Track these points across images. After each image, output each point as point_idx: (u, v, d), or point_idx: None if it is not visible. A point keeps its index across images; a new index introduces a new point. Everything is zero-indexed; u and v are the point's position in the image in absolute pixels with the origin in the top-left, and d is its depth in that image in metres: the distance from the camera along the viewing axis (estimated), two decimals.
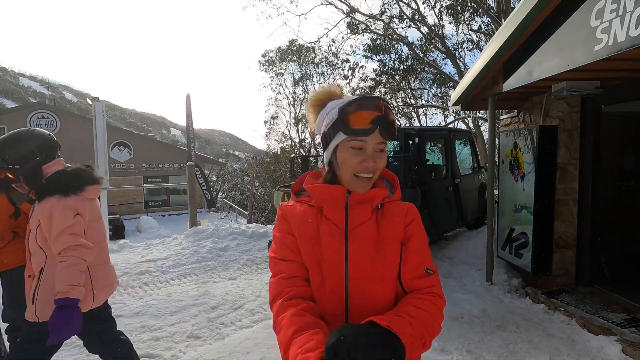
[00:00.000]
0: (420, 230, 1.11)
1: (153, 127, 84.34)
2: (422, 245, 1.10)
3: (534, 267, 4.11)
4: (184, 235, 6.90)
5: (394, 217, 1.08)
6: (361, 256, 1.03)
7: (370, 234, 1.05)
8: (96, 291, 2.09)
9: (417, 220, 1.12)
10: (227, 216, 21.76)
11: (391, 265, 1.05)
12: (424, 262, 1.07)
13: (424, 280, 1.06)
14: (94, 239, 2.10)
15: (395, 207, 1.10)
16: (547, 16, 3.00)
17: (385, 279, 1.04)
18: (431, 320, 0.99)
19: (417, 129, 5.24)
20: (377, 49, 15.41)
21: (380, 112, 1.00)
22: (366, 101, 1.01)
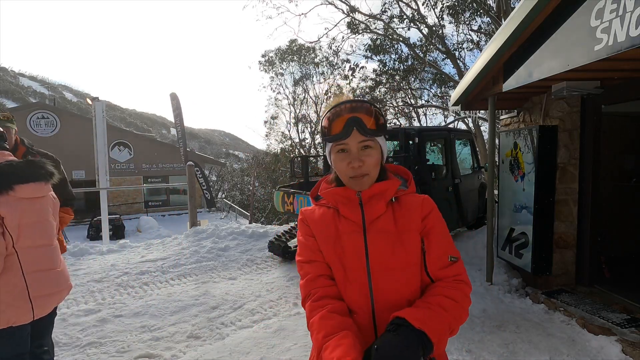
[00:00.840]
0: (440, 220, 1.13)
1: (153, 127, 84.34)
2: (443, 235, 1.12)
3: (534, 267, 4.11)
4: (184, 235, 6.90)
5: (409, 209, 1.11)
6: (381, 247, 1.07)
7: (388, 226, 1.08)
8: (34, 300, 1.88)
9: (435, 210, 1.14)
10: (227, 216, 21.75)
11: (411, 254, 1.08)
12: (447, 251, 1.10)
13: (450, 269, 1.09)
14: (29, 243, 1.89)
15: (410, 199, 1.14)
16: (547, 16, 3.00)
17: (407, 267, 1.07)
18: (460, 308, 1.04)
19: (417, 129, 5.24)
20: (378, 49, 15.39)
21: (351, 113, 1.05)
22: (339, 106, 1.07)
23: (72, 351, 3.15)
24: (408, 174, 1.22)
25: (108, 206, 10.20)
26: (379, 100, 16.19)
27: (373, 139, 1.07)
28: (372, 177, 1.09)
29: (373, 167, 1.08)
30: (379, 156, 1.10)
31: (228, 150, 79.40)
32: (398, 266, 1.06)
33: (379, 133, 1.08)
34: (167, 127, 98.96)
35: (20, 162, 1.96)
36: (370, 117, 1.05)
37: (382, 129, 1.08)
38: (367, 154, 1.07)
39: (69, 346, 3.21)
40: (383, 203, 1.10)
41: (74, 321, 3.60)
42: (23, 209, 1.87)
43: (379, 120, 1.07)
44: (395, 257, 1.06)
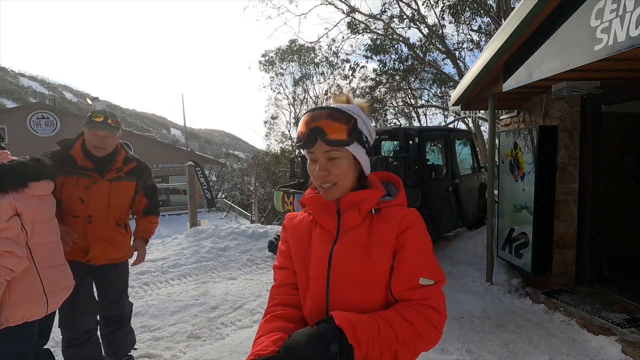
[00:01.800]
0: (417, 238, 1.02)
1: (153, 127, 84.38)
2: (418, 253, 1.00)
3: (534, 267, 4.11)
4: (184, 235, 6.90)
5: (387, 222, 1.02)
6: (343, 259, 1.01)
7: (359, 238, 1.02)
8: (49, 295, 1.93)
9: (414, 227, 1.02)
10: (227, 216, 21.75)
11: (376, 270, 1.00)
12: (418, 272, 0.98)
13: (417, 292, 0.96)
14: (41, 240, 1.92)
15: (391, 212, 1.04)
16: (547, 16, 3.00)
17: (370, 283, 1.00)
18: (413, 333, 0.92)
19: (417, 129, 5.24)
20: (378, 48, 15.40)
21: (315, 122, 0.99)
22: (307, 114, 1.02)
23: None
24: (400, 184, 1.13)
25: None
26: (379, 100, 16.19)
27: (339, 149, 1.00)
28: (342, 186, 1.03)
29: (341, 176, 1.02)
30: (349, 165, 1.02)
31: (228, 150, 79.46)
32: (360, 281, 1.00)
33: (348, 142, 0.99)
34: (167, 127, 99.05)
35: (28, 160, 1.98)
36: (338, 126, 0.98)
37: (353, 137, 1.00)
38: (333, 164, 1.01)
39: None
40: (357, 213, 1.03)
41: None
42: (36, 206, 1.90)
43: (351, 128, 0.99)
44: (358, 271, 1.00)
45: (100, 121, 2.36)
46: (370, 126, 1.08)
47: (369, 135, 1.06)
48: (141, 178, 2.64)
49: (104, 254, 2.49)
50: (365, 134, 1.04)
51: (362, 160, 1.05)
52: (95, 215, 2.42)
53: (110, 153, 2.48)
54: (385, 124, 16.87)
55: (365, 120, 1.06)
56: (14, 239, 1.75)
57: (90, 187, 2.39)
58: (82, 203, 2.38)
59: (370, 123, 1.09)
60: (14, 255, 1.73)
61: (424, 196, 4.95)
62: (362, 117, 1.05)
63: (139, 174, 2.63)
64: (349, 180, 1.04)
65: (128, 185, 2.57)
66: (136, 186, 2.62)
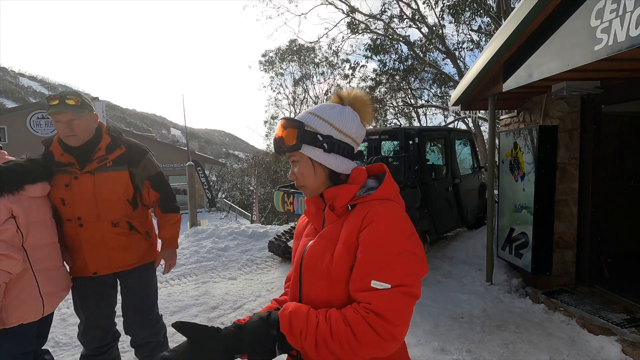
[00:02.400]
0: (378, 235, 0.94)
1: (153, 127, 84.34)
2: (376, 252, 0.93)
3: (534, 267, 4.11)
4: (184, 235, 6.90)
5: (352, 219, 0.99)
6: (312, 254, 1.05)
7: (331, 235, 1.03)
8: (45, 297, 1.90)
9: (375, 224, 0.95)
10: (227, 216, 21.76)
11: (337, 268, 0.98)
12: (372, 273, 0.91)
13: (364, 295, 0.91)
14: (37, 242, 1.89)
15: (363, 208, 1.00)
16: (547, 16, 3.00)
17: (334, 280, 0.99)
18: (349, 336, 0.88)
19: (417, 129, 5.25)
20: (378, 48, 15.41)
21: (277, 133, 1.07)
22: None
23: (72, 351, 3.15)
24: (384, 177, 1.07)
25: None
26: (379, 100, 16.19)
27: (294, 154, 1.05)
28: (309, 186, 1.08)
29: (305, 178, 1.07)
30: (308, 166, 1.05)
31: (228, 150, 79.47)
32: (326, 276, 1.00)
33: (295, 146, 1.02)
34: (167, 127, 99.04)
35: (25, 161, 1.96)
36: (290, 132, 1.03)
37: (302, 140, 1.02)
38: (296, 167, 1.08)
39: (69, 346, 3.21)
40: (331, 210, 1.06)
41: (74, 321, 3.60)
42: (32, 208, 1.88)
43: (299, 133, 1.02)
44: (323, 267, 1.00)
45: (56, 104, 1.96)
46: (336, 121, 1.05)
47: (333, 133, 1.04)
48: (137, 166, 2.17)
49: (109, 262, 2.13)
50: (323, 132, 1.03)
51: (321, 160, 1.04)
52: (85, 216, 2.05)
53: (90, 140, 2.07)
54: (385, 124, 16.87)
55: (328, 118, 1.04)
56: (9, 241, 1.74)
57: (71, 183, 2.02)
58: (63, 204, 2.03)
59: (341, 119, 1.05)
60: (10, 258, 1.72)
61: (424, 196, 4.95)
62: (314, 118, 1.05)
63: (131, 161, 2.16)
64: (315, 180, 1.06)
65: (118, 176, 2.11)
66: (131, 176, 2.16)
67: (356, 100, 1.10)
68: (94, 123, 2.11)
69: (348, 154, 1.06)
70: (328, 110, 1.07)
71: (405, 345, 1.09)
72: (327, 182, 1.07)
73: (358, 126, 1.08)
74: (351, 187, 1.03)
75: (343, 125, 1.05)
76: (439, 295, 4.18)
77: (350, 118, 1.07)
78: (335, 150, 1.04)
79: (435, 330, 3.40)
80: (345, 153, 1.06)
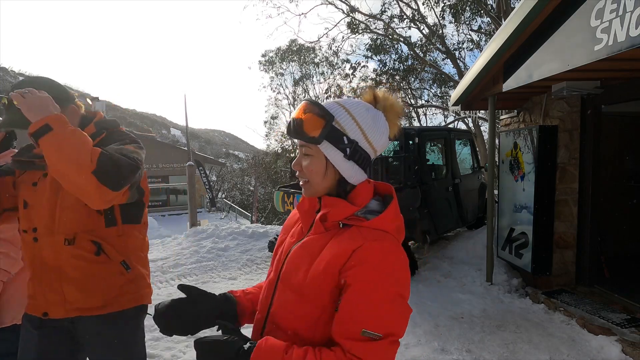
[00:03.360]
0: (370, 281, 0.84)
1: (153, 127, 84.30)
2: (366, 300, 0.83)
3: (534, 267, 4.11)
4: (184, 235, 6.90)
5: (341, 243, 0.89)
6: (293, 260, 0.96)
7: (313, 247, 0.94)
8: None
9: (369, 267, 0.85)
10: (227, 216, 21.76)
11: (309, 284, 0.89)
12: (361, 322, 0.82)
13: (353, 344, 0.82)
14: None
15: (354, 234, 0.90)
16: (547, 16, 3.00)
17: (302, 297, 0.91)
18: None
19: (417, 129, 5.25)
20: (378, 48, 15.41)
21: (297, 113, 0.92)
22: (302, 103, 0.95)
23: None
24: (391, 201, 0.97)
25: None
26: None
27: (310, 146, 0.92)
28: (314, 185, 0.96)
29: (312, 175, 0.95)
30: (321, 165, 0.93)
31: (228, 150, 79.45)
32: (295, 289, 0.92)
33: (315, 140, 0.89)
34: (167, 127, 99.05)
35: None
36: (315, 121, 0.89)
37: (324, 136, 0.89)
38: (306, 160, 0.95)
39: None
40: (322, 220, 0.95)
41: None
42: None
43: (324, 126, 0.89)
44: (298, 279, 0.92)
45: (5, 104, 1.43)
46: (368, 127, 0.93)
47: (360, 139, 0.93)
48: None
49: (62, 299, 1.42)
50: (350, 135, 0.91)
51: (337, 165, 0.92)
52: (41, 228, 1.43)
53: None
54: None
55: (360, 121, 0.92)
56: (9, 240, 1.70)
57: (39, 182, 1.47)
58: (25, 208, 1.47)
59: (374, 127, 0.94)
60: (8, 257, 1.70)
61: (424, 196, 4.95)
62: (346, 116, 0.92)
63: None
64: (323, 181, 0.95)
65: None
66: None
67: (392, 109, 0.97)
68: (74, 117, 1.53)
69: (365, 164, 0.95)
70: (363, 111, 0.93)
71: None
72: (333, 187, 0.96)
73: (385, 139, 0.96)
74: (350, 207, 0.93)
75: (373, 134, 0.93)
76: (439, 295, 4.18)
77: (382, 128, 0.95)
78: (355, 159, 0.93)
79: (435, 330, 3.40)
80: (363, 164, 0.95)
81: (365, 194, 0.96)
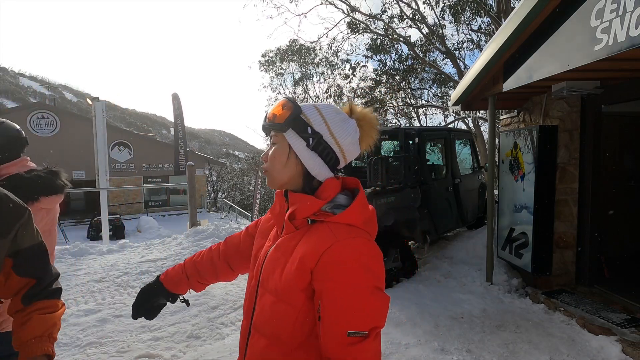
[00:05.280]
0: (345, 284, 0.85)
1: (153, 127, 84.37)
2: (343, 305, 0.84)
3: (534, 267, 4.11)
4: (184, 235, 6.90)
5: (311, 241, 0.90)
6: (269, 262, 0.97)
7: (286, 247, 0.95)
8: None
9: (338, 268, 0.85)
10: (227, 216, 21.76)
11: (284, 284, 0.90)
12: (345, 326, 0.83)
13: (343, 351, 0.83)
14: None
15: (322, 230, 0.90)
16: (547, 16, 3.00)
17: (278, 297, 0.92)
18: None
19: (417, 129, 5.25)
20: (378, 48, 15.42)
21: (271, 109, 0.99)
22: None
23: (72, 351, 3.15)
24: (358, 194, 0.97)
25: (108, 206, 10.18)
26: (379, 100, 16.18)
27: (276, 134, 0.97)
28: (274, 173, 0.98)
29: (273, 162, 0.97)
30: (283, 154, 0.96)
31: (228, 150, 79.46)
32: (271, 290, 0.93)
33: (280, 126, 0.94)
34: (167, 127, 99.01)
35: (45, 172, 1.93)
36: (282, 112, 0.94)
37: (289, 124, 0.93)
38: (272, 149, 0.98)
39: (69, 346, 3.21)
40: (290, 219, 0.96)
41: (74, 321, 3.60)
42: (40, 218, 1.87)
43: (291, 116, 0.93)
44: (272, 280, 0.93)
45: None
46: (334, 125, 0.96)
47: (325, 134, 0.95)
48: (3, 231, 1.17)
49: None
50: (315, 127, 0.94)
51: (299, 153, 0.95)
52: None
53: None
54: (385, 124, 16.87)
55: (327, 118, 0.96)
56: None
57: None
58: None
59: (341, 127, 0.97)
60: None
61: (424, 196, 4.95)
62: (315, 111, 0.96)
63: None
64: (283, 170, 0.97)
65: None
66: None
67: (365, 118, 1.01)
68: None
69: (330, 162, 0.96)
70: (332, 111, 0.98)
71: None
72: (297, 182, 0.97)
73: (353, 142, 0.98)
74: (316, 202, 0.93)
75: (339, 132, 0.96)
76: (439, 295, 4.18)
77: (350, 130, 0.98)
78: (318, 151, 0.95)
79: (435, 330, 3.40)
80: (327, 159, 0.96)
81: (332, 189, 0.96)
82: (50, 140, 20.12)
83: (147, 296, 1.33)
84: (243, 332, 1.03)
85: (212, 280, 1.32)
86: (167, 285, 1.32)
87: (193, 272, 1.30)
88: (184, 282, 1.30)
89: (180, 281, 1.31)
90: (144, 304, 1.33)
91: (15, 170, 1.84)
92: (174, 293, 1.32)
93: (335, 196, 0.96)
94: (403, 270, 4.70)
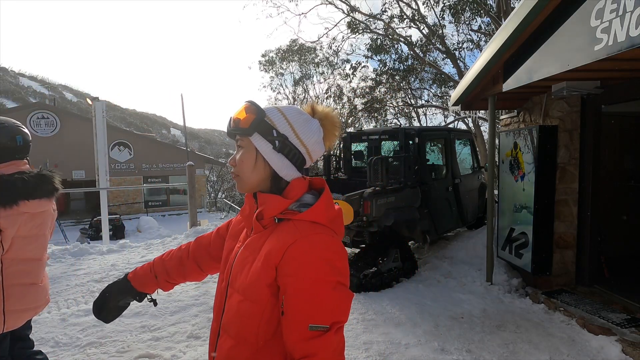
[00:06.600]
0: (305, 279, 0.87)
1: (153, 127, 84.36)
2: (304, 299, 0.86)
3: (534, 267, 4.11)
4: (184, 235, 6.89)
5: (277, 239, 0.92)
6: (238, 261, 1.00)
7: (255, 246, 0.97)
8: (8, 315, 1.80)
9: (301, 263, 0.88)
10: (227, 216, 21.76)
11: (250, 282, 0.92)
12: (307, 319, 0.85)
13: (305, 344, 0.85)
14: (18, 256, 1.84)
15: (288, 229, 0.93)
16: (547, 16, 3.00)
17: (245, 295, 0.94)
18: None
19: (417, 129, 5.25)
20: (378, 48, 15.42)
21: (232, 115, 1.00)
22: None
23: (72, 351, 3.15)
24: (322, 193, 1.00)
25: (108, 206, 10.18)
26: (379, 100, 16.19)
27: (242, 139, 0.98)
28: (244, 177, 1.00)
29: (242, 167, 0.99)
30: (251, 157, 0.98)
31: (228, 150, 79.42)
32: (239, 289, 0.95)
33: (246, 131, 0.95)
34: (167, 127, 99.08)
35: (32, 175, 1.89)
36: (247, 116, 0.96)
37: (255, 128, 0.95)
38: (239, 153, 1.00)
39: (69, 346, 3.21)
40: (258, 218, 0.98)
41: (74, 321, 3.60)
42: (22, 222, 1.84)
43: (256, 119, 0.95)
44: (240, 279, 0.96)
45: None
46: (298, 126, 0.99)
47: (290, 135, 0.98)
48: None
49: None
50: (280, 130, 0.97)
51: (266, 156, 0.97)
52: None
53: None
54: (385, 124, 16.87)
55: (291, 120, 0.99)
56: None
57: None
58: None
59: (305, 127, 1.00)
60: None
61: (424, 196, 4.95)
62: (278, 114, 0.99)
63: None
64: (252, 173, 0.99)
65: None
66: None
67: (327, 117, 1.05)
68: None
69: (297, 162, 1.00)
70: (295, 113, 1.01)
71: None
72: (266, 184, 1.00)
73: (318, 141, 1.02)
74: (283, 201, 0.96)
75: (303, 132, 0.99)
76: (439, 295, 4.19)
77: (314, 130, 1.01)
78: (285, 153, 0.98)
79: (435, 330, 3.40)
80: (294, 160, 0.99)
81: (299, 189, 0.99)
82: (50, 140, 20.13)
83: (112, 294, 1.29)
84: (212, 334, 1.05)
85: (180, 280, 1.32)
86: (134, 284, 1.29)
87: (161, 271, 1.29)
88: (152, 282, 1.29)
89: (149, 280, 1.29)
90: (108, 302, 1.28)
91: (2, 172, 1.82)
92: (142, 292, 1.30)
93: (302, 196, 0.99)
94: (403, 270, 4.70)
